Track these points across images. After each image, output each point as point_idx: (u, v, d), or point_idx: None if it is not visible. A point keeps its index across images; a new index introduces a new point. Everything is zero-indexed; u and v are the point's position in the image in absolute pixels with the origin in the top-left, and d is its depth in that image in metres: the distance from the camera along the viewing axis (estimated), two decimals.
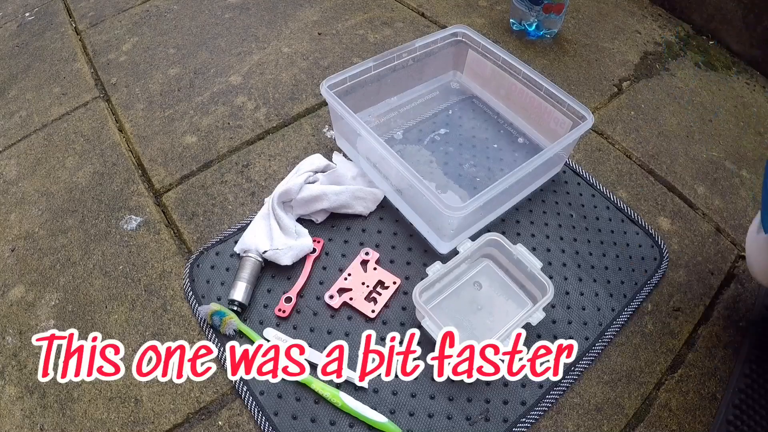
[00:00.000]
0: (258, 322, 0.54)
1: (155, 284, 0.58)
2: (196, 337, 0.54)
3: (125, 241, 0.62)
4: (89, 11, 0.96)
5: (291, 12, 0.92)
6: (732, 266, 0.61)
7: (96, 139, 0.73)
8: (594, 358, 0.53)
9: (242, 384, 0.50)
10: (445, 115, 0.72)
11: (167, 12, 0.94)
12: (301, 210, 0.60)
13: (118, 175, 0.69)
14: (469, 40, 0.69)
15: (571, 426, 0.49)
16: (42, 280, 0.59)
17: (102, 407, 0.50)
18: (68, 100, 0.80)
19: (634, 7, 0.96)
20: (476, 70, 0.72)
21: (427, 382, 0.50)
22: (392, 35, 0.87)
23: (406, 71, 0.69)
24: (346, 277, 0.56)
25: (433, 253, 0.59)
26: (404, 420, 0.48)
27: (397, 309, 0.55)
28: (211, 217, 0.63)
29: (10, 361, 0.53)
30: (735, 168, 0.71)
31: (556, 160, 0.64)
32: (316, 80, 0.80)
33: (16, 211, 0.66)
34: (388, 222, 0.62)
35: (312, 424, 0.48)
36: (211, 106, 0.76)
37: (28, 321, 0.56)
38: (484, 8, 0.94)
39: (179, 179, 0.67)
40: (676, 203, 0.66)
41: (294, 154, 0.69)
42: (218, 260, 0.58)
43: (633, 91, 0.80)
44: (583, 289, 0.57)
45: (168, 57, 0.85)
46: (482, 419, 0.48)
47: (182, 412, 0.49)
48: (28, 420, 0.49)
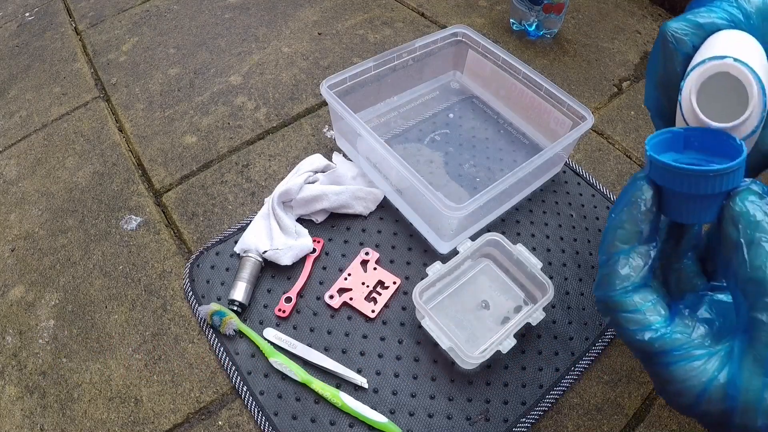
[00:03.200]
0: (258, 322, 0.54)
1: (155, 284, 0.58)
2: (196, 337, 0.54)
3: (125, 241, 0.62)
4: (89, 11, 0.96)
5: (291, 12, 0.92)
6: None
7: (96, 139, 0.73)
8: (594, 358, 0.52)
9: (242, 384, 0.50)
10: (445, 115, 0.72)
11: (167, 12, 0.94)
12: (301, 210, 0.60)
13: (118, 175, 0.69)
14: (469, 40, 0.69)
15: (571, 426, 0.49)
16: (42, 280, 0.59)
17: (102, 407, 0.50)
18: (68, 100, 0.80)
19: (634, 7, 0.96)
20: (476, 70, 0.72)
21: (427, 382, 0.50)
22: (392, 35, 0.87)
23: (406, 71, 0.69)
24: (346, 277, 0.56)
25: (433, 253, 0.59)
26: (404, 420, 0.48)
27: (397, 309, 0.55)
28: (211, 217, 0.63)
29: (10, 361, 0.53)
30: None
31: (556, 160, 0.64)
32: (316, 80, 0.80)
33: (16, 211, 0.66)
34: (388, 222, 0.62)
35: (312, 424, 0.48)
36: (211, 106, 0.76)
37: (28, 321, 0.56)
38: (484, 8, 0.94)
39: (179, 179, 0.67)
40: None
41: (294, 154, 0.69)
42: (218, 260, 0.58)
43: (633, 91, 0.80)
44: (584, 289, 0.57)
45: (168, 57, 0.85)
46: (482, 419, 0.48)
47: (182, 412, 0.49)
48: (28, 420, 0.49)
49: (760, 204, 0.25)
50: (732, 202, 0.26)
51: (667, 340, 0.25)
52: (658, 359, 0.26)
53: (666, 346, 0.25)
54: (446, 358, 0.51)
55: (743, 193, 0.25)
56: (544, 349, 0.52)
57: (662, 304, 0.27)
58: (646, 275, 0.28)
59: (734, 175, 0.26)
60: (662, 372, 0.26)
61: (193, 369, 0.52)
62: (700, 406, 0.25)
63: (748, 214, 0.25)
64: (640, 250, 0.28)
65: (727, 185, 0.26)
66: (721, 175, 0.25)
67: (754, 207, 0.25)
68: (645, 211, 0.27)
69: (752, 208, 0.25)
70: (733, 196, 0.26)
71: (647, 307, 0.27)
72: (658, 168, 0.27)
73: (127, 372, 0.52)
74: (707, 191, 0.26)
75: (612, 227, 0.28)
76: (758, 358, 0.23)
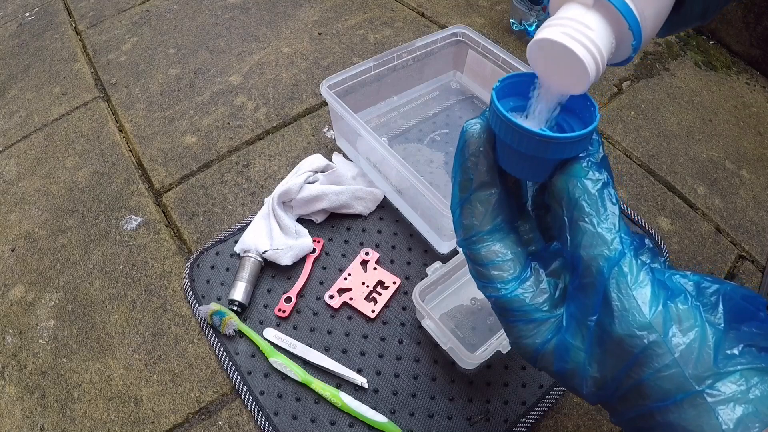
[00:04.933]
0: (258, 322, 0.54)
1: (155, 284, 0.58)
2: (196, 337, 0.54)
3: (125, 241, 0.62)
4: (89, 11, 0.96)
5: (291, 12, 0.92)
6: (732, 266, 0.61)
7: (96, 139, 0.73)
8: None
9: (242, 384, 0.50)
10: (445, 115, 0.72)
11: (167, 12, 0.94)
12: (301, 210, 0.60)
13: (118, 175, 0.69)
14: (469, 40, 0.69)
15: (571, 426, 0.49)
16: (42, 280, 0.59)
17: (102, 407, 0.50)
18: (68, 100, 0.80)
19: None
20: (476, 70, 0.72)
21: (427, 382, 0.50)
22: (392, 35, 0.87)
23: (406, 71, 0.69)
24: (346, 277, 0.56)
25: (433, 253, 0.59)
26: (404, 420, 0.48)
27: (397, 309, 0.55)
28: (211, 217, 0.63)
29: (10, 361, 0.53)
30: (735, 168, 0.71)
31: None
32: (316, 80, 0.80)
33: (16, 211, 0.66)
34: (388, 222, 0.62)
35: (312, 424, 0.48)
36: (211, 106, 0.76)
37: (28, 321, 0.56)
38: (484, 8, 0.94)
39: (179, 179, 0.67)
40: (676, 203, 0.66)
41: (294, 154, 0.69)
42: (218, 260, 0.58)
43: (633, 91, 0.80)
44: None
45: (168, 57, 0.85)
46: (483, 419, 0.48)
47: (182, 412, 0.49)
48: (28, 420, 0.49)
49: (585, 183, 0.23)
50: (558, 176, 0.24)
51: (507, 300, 0.25)
52: (500, 315, 0.26)
53: (506, 305, 0.25)
54: (446, 359, 0.51)
55: (573, 168, 0.24)
56: None
57: (517, 258, 0.26)
58: (499, 224, 0.26)
59: (569, 146, 0.23)
60: (506, 326, 0.26)
61: (193, 369, 0.52)
62: (537, 363, 0.25)
63: (570, 192, 0.24)
64: (479, 197, 0.26)
65: (560, 154, 0.23)
66: (553, 143, 0.23)
67: (575, 186, 0.23)
68: (472, 158, 0.26)
69: (573, 186, 0.24)
70: (564, 168, 0.24)
71: (495, 263, 0.26)
72: (495, 114, 0.24)
73: (127, 372, 0.52)
74: (536, 154, 0.23)
75: (453, 177, 0.27)
76: (581, 328, 0.23)
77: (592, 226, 0.23)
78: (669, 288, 0.23)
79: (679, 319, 0.22)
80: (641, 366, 0.22)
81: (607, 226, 0.23)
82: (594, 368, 0.23)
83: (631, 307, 0.22)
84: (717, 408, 0.20)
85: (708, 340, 0.21)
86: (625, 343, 0.22)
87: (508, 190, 0.27)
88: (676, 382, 0.21)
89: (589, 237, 0.23)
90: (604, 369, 0.23)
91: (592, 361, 0.23)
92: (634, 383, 0.22)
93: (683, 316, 0.22)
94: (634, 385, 0.22)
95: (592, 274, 0.23)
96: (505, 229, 0.27)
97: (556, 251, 0.27)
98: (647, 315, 0.22)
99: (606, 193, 0.24)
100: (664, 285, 0.23)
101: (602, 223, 0.23)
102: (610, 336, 0.22)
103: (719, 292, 0.23)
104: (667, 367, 0.21)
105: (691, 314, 0.22)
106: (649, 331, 0.21)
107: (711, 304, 0.23)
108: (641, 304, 0.22)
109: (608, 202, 0.23)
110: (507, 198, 0.27)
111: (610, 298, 0.22)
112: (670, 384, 0.21)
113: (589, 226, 0.23)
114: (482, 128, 0.26)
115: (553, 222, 0.25)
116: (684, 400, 0.21)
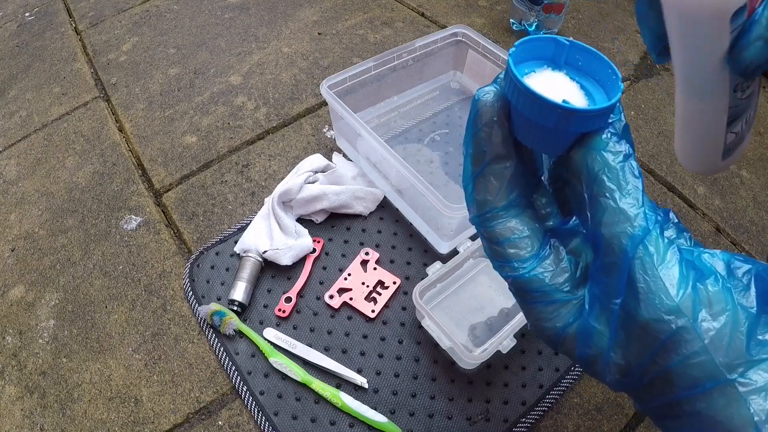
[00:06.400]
0: (258, 322, 0.54)
1: (155, 284, 0.58)
2: (196, 337, 0.54)
3: (125, 241, 0.62)
4: (89, 11, 0.96)
5: (291, 12, 0.92)
6: None
7: (96, 139, 0.73)
8: None
9: (242, 384, 0.50)
10: (445, 115, 0.72)
11: (167, 12, 0.94)
12: (301, 210, 0.60)
13: (118, 175, 0.69)
14: (469, 40, 0.69)
15: (571, 426, 0.49)
16: (42, 280, 0.59)
17: (102, 407, 0.50)
18: (68, 100, 0.80)
19: (634, 7, 0.96)
20: (476, 70, 0.72)
21: (427, 382, 0.50)
22: (392, 35, 0.87)
23: (406, 71, 0.69)
24: (346, 277, 0.56)
25: (433, 253, 0.59)
26: (404, 420, 0.48)
27: (397, 309, 0.55)
28: (211, 217, 0.63)
29: (10, 361, 0.53)
30: (735, 168, 0.71)
31: None
32: (316, 80, 0.80)
33: (16, 211, 0.66)
34: (388, 222, 0.62)
35: (312, 424, 0.48)
36: (211, 106, 0.76)
37: (28, 321, 0.56)
38: (484, 8, 0.94)
39: (179, 179, 0.67)
40: (676, 203, 0.66)
41: (294, 154, 0.69)
42: (218, 260, 0.58)
43: (633, 91, 0.80)
44: None
45: (168, 57, 0.85)
46: (483, 419, 0.48)
47: (182, 412, 0.49)
48: (28, 420, 0.49)
49: (605, 156, 0.22)
50: (576, 150, 0.23)
51: (525, 280, 0.24)
52: (518, 297, 0.25)
53: (525, 286, 0.24)
54: (446, 358, 0.51)
55: (593, 140, 0.22)
56: (544, 349, 0.52)
57: (534, 235, 0.24)
58: (515, 198, 0.24)
59: (592, 119, 0.21)
60: (524, 308, 0.25)
61: (193, 369, 0.52)
62: (558, 347, 0.24)
63: (589, 166, 0.22)
64: (493, 170, 0.24)
65: (582, 127, 0.22)
66: (576, 116, 0.21)
67: (594, 159, 0.22)
68: (485, 129, 0.24)
69: (593, 160, 0.22)
70: (583, 140, 0.23)
71: (511, 240, 0.24)
72: (512, 82, 0.22)
73: (127, 372, 0.52)
74: (557, 126, 0.22)
75: (465, 148, 0.26)
76: (604, 312, 0.22)
77: (613, 201, 0.21)
78: (698, 268, 0.21)
79: (710, 302, 0.20)
80: (668, 352, 0.20)
81: (630, 201, 0.21)
82: (618, 354, 0.22)
83: (658, 289, 0.20)
84: (749, 398, 0.19)
85: (740, 325, 0.20)
86: (651, 328, 0.20)
87: (523, 161, 0.25)
88: (706, 370, 0.20)
89: (611, 213, 0.21)
90: (629, 355, 0.21)
91: (616, 346, 0.22)
92: (661, 370, 0.21)
93: (714, 299, 0.20)
94: (660, 372, 0.21)
95: (615, 253, 0.21)
96: (521, 204, 0.25)
97: (575, 227, 0.25)
98: (675, 298, 0.20)
99: (628, 165, 0.22)
100: (692, 265, 0.21)
101: (624, 198, 0.21)
102: (635, 320, 0.21)
103: (751, 273, 0.21)
104: (696, 354, 0.20)
105: (722, 297, 0.20)
106: (677, 316, 0.20)
107: (743, 285, 0.21)
108: (668, 286, 0.20)
109: (630, 175, 0.22)
110: (522, 171, 0.25)
111: (635, 279, 0.21)
112: (699, 372, 0.20)
113: (611, 202, 0.21)
114: (496, 96, 0.24)
115: (573, 197, 0.24)
116: (713, 389, 0.20)
